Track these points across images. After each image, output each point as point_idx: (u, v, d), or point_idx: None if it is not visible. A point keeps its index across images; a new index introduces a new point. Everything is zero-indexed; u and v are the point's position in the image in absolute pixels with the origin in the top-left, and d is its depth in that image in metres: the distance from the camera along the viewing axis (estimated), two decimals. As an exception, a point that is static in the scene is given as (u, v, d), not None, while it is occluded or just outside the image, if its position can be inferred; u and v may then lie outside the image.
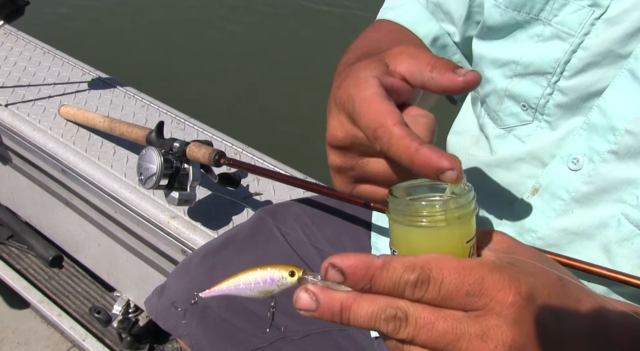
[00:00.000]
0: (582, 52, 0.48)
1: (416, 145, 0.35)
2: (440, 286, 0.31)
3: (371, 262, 0.31)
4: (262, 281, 0.35)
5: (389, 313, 0.31)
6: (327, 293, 0.32)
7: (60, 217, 1.39)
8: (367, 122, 0.37)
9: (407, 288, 0.31)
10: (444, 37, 0.67)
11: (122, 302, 1.37)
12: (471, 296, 0.31)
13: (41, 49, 1.56)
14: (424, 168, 0.34)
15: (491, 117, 0.58)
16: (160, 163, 0.91)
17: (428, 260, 0.32)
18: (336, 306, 0.32)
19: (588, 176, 0.48)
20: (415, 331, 0.31)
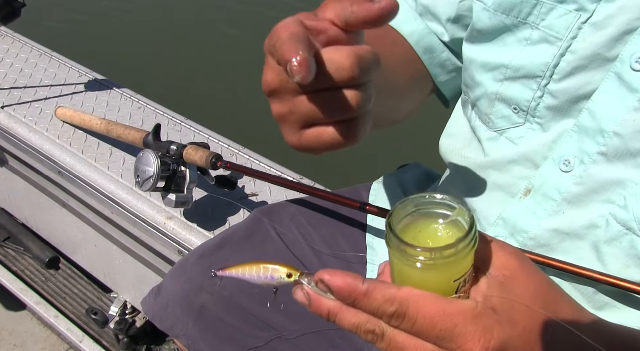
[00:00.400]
0: (570, 56, 0.49)
1: (288, 48, 0.35)
2: (414, 324, 0.34)
3: (355, 288, 0.35)
4: (264, 277, 0.41)
5: (368, 327, 0.35)
6: (317, 298, 0.37)
7: (56, 219, 1.39)
8: (278, 51, 0.37)
9: (385, 317, 0.35)
10: (429, 37, 0.68)
11: (119, 303, 1.38)
12: (440, 339, 0.34)
13: (37, 50, 1.56)
14: (283, 61, 0.35)
15: (482, 120, 0.58)
16: (157, 165, 0.92)
17: (407, 297, 0.34)
18: (324, 311, 0.37)
19: (579, 177, 0.49)
20: (388, 348, 0.36)
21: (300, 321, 0.73)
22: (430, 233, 0.37)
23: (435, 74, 0.71)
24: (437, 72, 0.71)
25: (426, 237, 0.37)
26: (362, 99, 0.39)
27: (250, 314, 0.73)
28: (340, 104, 0.38)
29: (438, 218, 0.37)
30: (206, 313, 0.74)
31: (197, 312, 0.75)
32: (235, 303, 0.74)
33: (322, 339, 0.73)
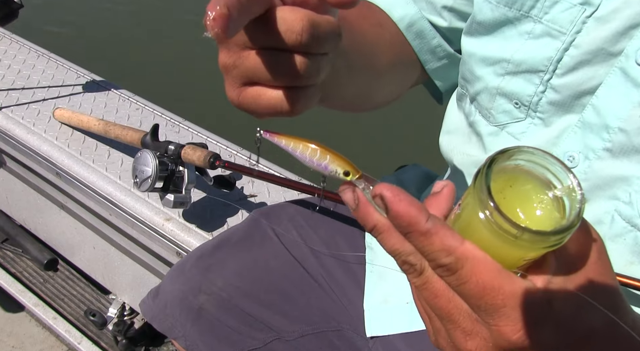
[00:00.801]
0: (574, 50, 0.48)
1: None
2: (461, 284, 0.31)
3: (416, 222, 0.31)
4: (316, 162, 0.36)
5: (409, 259, 0.32)
6: (367, 208, 0.33)
7: (55, 220, 1.39)
8: None
9: (434, 263, 0.31)
10: (420, 22, 0.66)
11: (118, 305, 1.37)
12: (481, 311, 0.31)
13: (35, 51, 1.56)
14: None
15: (483, 115, 0.58)
16: (156, 166, 0.92)
17: (467, 257, 0.30)
18: (369, 223, 0.33)
19: (584, 173, 0.49)
20: (420, 286, 0.33)
21: (299, 323, 0.73)
22: (522, 196, 0.31)
23: (425, 60, 0.69)
24: (427, 58, 0.69)
25: (515, 198, 0.31)
26: (309, 69, 0.36)
27: (249, 315, 0.73)
28: (284, 68, 0.36)
29: (542, 186, 0.31)
30: (205, 314, 0.74)
31: (195, 313, 0.75)
32: (234, 305, 0.73)
33: (321, 340, 0.72)
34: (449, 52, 0.69)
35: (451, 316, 0.32)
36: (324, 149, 0.36)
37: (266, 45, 0.36)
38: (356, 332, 0.72)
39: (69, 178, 1.18)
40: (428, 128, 1.93)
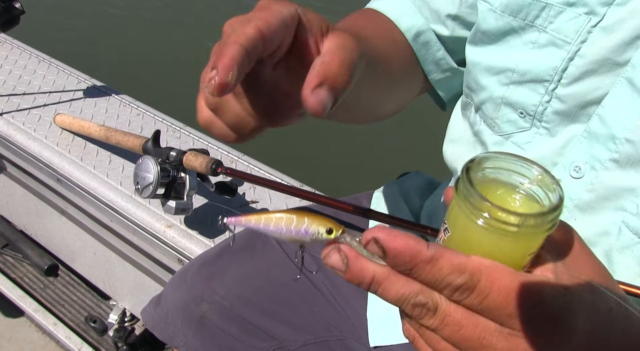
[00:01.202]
0: (579, 60, 0.48)
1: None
2: (484, 299, 0.29)
3: (419, 253, 0.29)
4: (295, 230, 0.33)
5: (419, 300, 0.30)
6: (360, 261, 0.31)
7: (55, 226, 1.39)
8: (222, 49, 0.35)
9: (448, 289, 0.30)
10: (427, 33, 0.67)
11: (118, 311, 1.37)
12: (513, 318, 0.29)
13: (36, 57, 1.56)
14: (213, 64, 0.34)
15: (488, 124, 0.58)
16: (157, 172, 0.91)
17: (480, 268, 0.29)
18: (367, 278, 0.31)
19: (590, 184, 0.48)
20: (440, 325, 0.30)
21: (302, 332, 0.72)
22: (499, 202, 0.30)
23: (429, 70, 0.70)
24: (431, 68, 0.70)
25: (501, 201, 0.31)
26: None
27: (251, 324, 0.73)
28: (272, 116, 0.38)
29: (512, 187, 0.32)
30: (207, 323, 0.74)
31: (197, 322, 0.74)
32: (236, 314, 0.73)
33: (324, 349, 0.72)
34: (452, 66, 0.69)
35: (483, 341, 0.30)
36: (298, 213, 0.33)
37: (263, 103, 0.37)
38: (359, 342, 0.71)
39: (69, 184, 1.18)
40: (430, 135, 1.92)
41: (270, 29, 0.35)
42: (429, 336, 0.32)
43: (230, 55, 0.33)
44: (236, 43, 0.33)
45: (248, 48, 0.34)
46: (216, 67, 0.33)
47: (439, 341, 0.31)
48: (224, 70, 0.33)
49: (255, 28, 0.34)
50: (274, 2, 0.37)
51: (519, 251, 0.30)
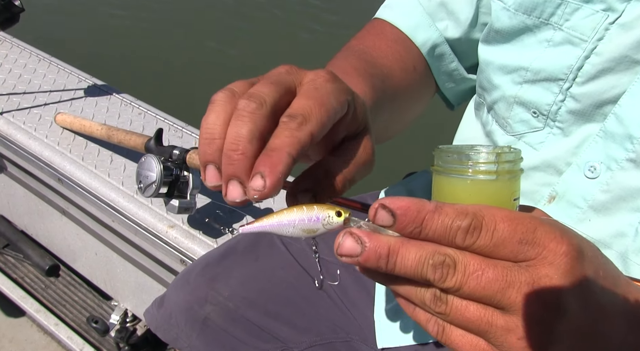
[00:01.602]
0: (596, 58, 0.47)
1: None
2: (493, 233, 0.30)
3: (423, 205, 0.30)
4: (307, 219, 0.34)
5: (438, 259, 0.30)
6: (374, 236, 0.31)
7: (56, 226, 1.38)
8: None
9: (459, 234, 0.30)
10: (442, 46, 0.67)
11: (120, 311, 1.36)
12: (524, 244, 0.30)
13: (36, 56, 1.55)
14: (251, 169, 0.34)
15: (500, 124, 0.57)
16: (160, 171, 0.90)
17: (480, 208, 0.31)
18: (383, 250, 0.31)
19: (606, 184, 0.47)
20: (463, 279, 0.30)
21: (307, 334, 0.71)
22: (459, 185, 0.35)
23: (441, 81, 0.71)
24: (443, 79, 0.71)
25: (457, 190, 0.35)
26: None
27: (256, 326, 0.72)
28: None
29: (464, 175, 0.35)
30: (211, 325, 0.73)
31: (201, 324, 0.73)
32: (240, 315, 0.72)
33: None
34: (465, 76, 0.70)
35: (507, 278, 0.29)
36: (306, 204, 0.35)
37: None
38: (365, 343, 0.70)
39: (70, 184, 1.17)
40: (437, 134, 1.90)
41: (323, 131, 0.35)
42: (457, 308, 0.31)
43: (280, 170, 0.33)
44: (286, 153, 0.33)
45: (297, 156, 0.34)
46: (264, 177, 0.33)
47: (467, 307, 0.31)
48: (272, 187, 0.33)
49: (309, 134, 0.34)
50: (333, 81, 0.37)
51: (504, 193, 0.34)
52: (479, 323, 0.30)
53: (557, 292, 0.29)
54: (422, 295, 0.31)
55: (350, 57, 0.62)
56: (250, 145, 0.34)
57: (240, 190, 0.34)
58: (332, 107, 0.36)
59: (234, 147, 0.34)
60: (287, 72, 0.38)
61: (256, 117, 0.34)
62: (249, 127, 0.34)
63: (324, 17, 3.87)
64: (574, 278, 0.30)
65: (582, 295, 0.30)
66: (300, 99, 0.36)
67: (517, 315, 0.30)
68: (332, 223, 0.34)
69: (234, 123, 0.34)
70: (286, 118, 0.34)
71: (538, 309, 0.29)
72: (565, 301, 0.29)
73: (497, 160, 0.33)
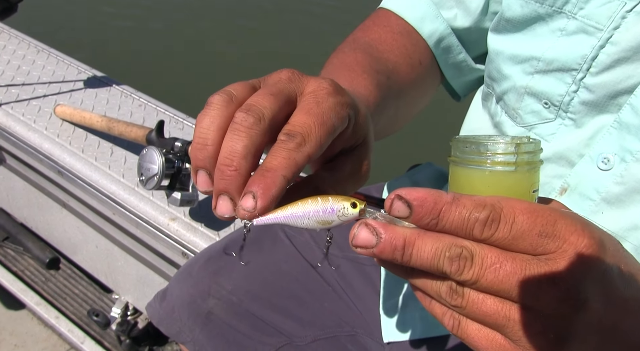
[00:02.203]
0: (611, 48, 0.46)
1: None
2: (512, 225, 0.29)
3: (440, 196, 0.30)
4: (322, 210, 0.33)
5: (454, 251, 0.29)
6: (390, 227, 0.30)
7: (56, 219, 1.37)
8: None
9: (477, 226, 0.29)
10: (449, 38, 0.66)
11: (121, 304, 1.35)
12: (544, 237, 0.29)
13: (35, 47, 1.53)
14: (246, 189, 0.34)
15: (509, 115, 0.56)
16: (162, 163, 0.89)
17: (499, 199, 0.30)
18: (399, 241, 0.30)
19: (620, 176, 0.46)
20: (480, 272, 0.29)
21: (311, 327, 0.71)
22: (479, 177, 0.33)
23: (448, 73, 0.70)
24: (451, 72, 0.70)
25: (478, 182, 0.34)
26: None
27: (260, 320, 0.71)
28: None
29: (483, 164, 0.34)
30: (214, 319, 0.72)
31: (204, 318, 0.72)
32: (244, 309, 0.71)
33: (334, 345, 0.70)
34: (473, 67, 0.68)
35: (526, 271, 0.29)
36: (320, 195, 0.34)
37: None
38: (371, 337, 0.69)
39: (70, 176, 1.16)
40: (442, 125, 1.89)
41: (320, 151, 0.35)
42: (474, 302, 0.30)
43: (272, 193, 0.32)
44: (281, 175, 0.33)
45: (292, 178, 0.33)
46: (255, 198, 0.32)
47: (484, 301, 0.30)
48: (263, 209, 0.32)
49: (307, 156, 0.34)
50: (335, 94, 0.36)
51: (523, 185, 0.33)
52: (495, 317, 0.30)
53: (577, 286, 0.28)
54: (438, 288, 0.31)
55: (356, 51, 0.61)
56: (244, 161, 0.33)
57: (230, 206, 0.34)
58: (332, 125, 0.35)
59: (227, 162, 0.33)
60: (288, 79, 0.37)
61: (253, 132, 0.33)
62: (244, 143, 0.33)
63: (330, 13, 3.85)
64: (595, 271, 0.29)
65: (603, 288, 0.29)
66: (300, 114, 0.35)
67: (535, 309, 0.29)
68: (347, 214, 0.33)
69: (229, 136, 0.33)
70: (284, 137, 0.34)
71: (557, 303, 0.28)
72: (586, 295, 0.29)
73: (516, 150, 0.32)
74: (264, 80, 0.38)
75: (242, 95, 0.36)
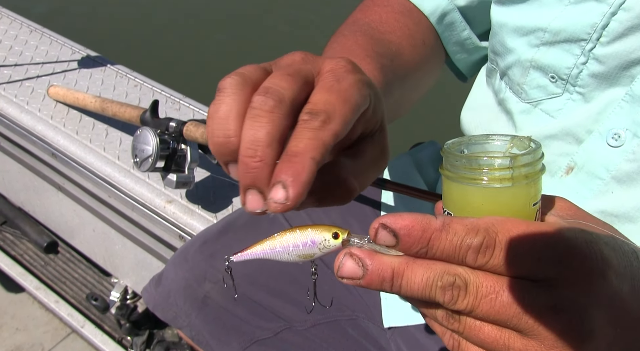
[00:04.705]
0: (624, 14, 0.43)
1: None
2: (508, 250, 0.27)
3: (428, 223, 0.28)
4: (301, 244, 0.32)
5: (447, 280, 0.27)
6: (376, 257, 0.28)
7: (53, 202, 1.35)
8: None
9: (470, 254, 0.27)
10: (452, 14, 0.63)
11: (120, 288, 1.34)
12: (543, 263, 0.27)
13: (27, 27, 1.49)
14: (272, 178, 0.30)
15: (514, 91, 0.53)
16: (156, 144, 0.87)
17: (493, 223, 0.28)
18: (387, 273, 0.28)
19: (632, 153, 0.43)
20: (475, 302, 0.27)
21: (311, 312, 0.69)
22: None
23: (453, 51, 0.67)
24: (455, 50, 0.67)
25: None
26: None
27: (258, 304, 0.69)
28: None
29: (495, 150, 0.32)
30: (210, 303, 0.70)
31: (200, 302, 0.70)
32: (242, 293, 0.69)
33: (335, 330, 0.68)
34: (478, 45, 0.65)
35: (525, 301, 0.26)
36: (299, 227, 0.32)
37: None
38: (372, 321, 0.67)
39: (65, 159, 1.13)
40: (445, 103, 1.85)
41: (347, 130, 0.31)
42: (471, 328, 0.28)
43: (304, 179, 0.28)
44: (310, 158, 0.29)
45: (322, 161, 0.30)
46: (286, 187, 0.28)
47: (481, 328, 0.28)
48: (296, 198, 0.29)
49: (334, 135, 0.30)
50: (354, 72, 0.33)
51: (521, 200, 0.30)
52: (495, 344, 0.28)
53: (581, 316, 0.26)
54: (434, 313, 0.29)
55: (356, 33, 0.58)
56: (269, 149, 0.29)
57: (261, 200, 0.30)
58: (356, 102, 0.32)
59: (250, 153, 0.29)
60: (303, 60, 0.34)
61: (275, 116, 0.30)
62: (267, 129, 0.29)
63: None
64: (602, 298, 0.26)
65: (612, 314, 0.27)
66: (320, 92, 0.31)
67: (536, 339, 0.27)
68: (329, 246, 0.31)
69: (249, 124, 0.30)
70: (307, 116, 0.30)
71: (561, 334, 0.26)
72: (591, 325, 0.26)
73: (512, 165, 0.29)
74: (276, 63, 0.35)
75: (256, 76, 0.32)
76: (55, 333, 1.55)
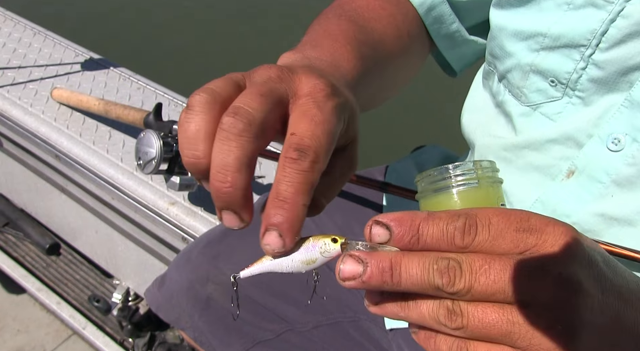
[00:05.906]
0: (622, 21, 0.43)
1: None
2: (489, 226, 0.29)
3: (415, 214, 0.30)
4: (304, 249, 0.34)
5: (442, 263, 0.29)
6: (374, 252, 0.30)
7: (56, 204, 1.35)
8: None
9: (456, 234, 0.29)
10: (441, 6, 0.63)
11: (122, 290, 1.34)
12: (521, 232, 0.29)
13: (31, 29, 1.50)
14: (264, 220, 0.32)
15: (513, 94, 0.53)
16: (160, 146, 0.87)
17: (470, 209, 0.30)
18: (386, 263, 0.29)
19: (631, 157, 0.44)
20: (472, 277, 0.28)
21: (313, 313, 0.69)
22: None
23: (441, 45, 0.67)
24: (444, 43, 0.66)
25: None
26: None
27: (260, 305, 0.69)
28: None
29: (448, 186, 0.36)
30: (213, 304, 0.71)
31: (203, 304, 0.71)
32: (244, 295, 0.70)
33: (337, 331, 0.69)
34: (466, 38, 0.65)
35: (514, 266, 0.28)
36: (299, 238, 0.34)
37: None
38: (374, 323, 0.68)
39: (68, 160, 1.14)
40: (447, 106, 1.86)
41: (327, 159, 0.33)
42: (474, 317, 0.29)
43: (298, 226, 0.31)
44: (302, 205, 0.31)
45: (309, 202, 0.32)
46: (282, 237, 0.31)
47: (484, 311, 0.29)
48: (291, 244, 0.32)
49: (320, 172, 0.32)
50: (333, 96, 0.34)
51: (491, 198, 0.35)
52: (500, 325, 0.28)
53: (567, 270, 0.28)
54: (436, 314, 0.29)
55: (341, 18, 0.58)
56: (239, 174, 0.31)
57: (236, 219, 0.32)
58: (336, 132, 0.33)
59: (221, 177, 0.30)
60: (278, 77, 0.34)
61: (244, 141, 0.30)
62: (235, 155, 0.30)
63: None
64: (580, 256, 0.28)
65: (593, 273, 0.28)
66: (304, 123, 0.32)
67: (535, 303, 0.28)
68: (329, 250, 0.33)
69: (218, 147, 0.31)
70: (296, 154, 0.31)
71: (553, 290, 0.27)
72: (578, 277, 0.28)
73: (474, 167, 0.34)
74: (250, 77, 0.35)
75: (226, 93, 0.33)
76: (56, 335, 1.55)
